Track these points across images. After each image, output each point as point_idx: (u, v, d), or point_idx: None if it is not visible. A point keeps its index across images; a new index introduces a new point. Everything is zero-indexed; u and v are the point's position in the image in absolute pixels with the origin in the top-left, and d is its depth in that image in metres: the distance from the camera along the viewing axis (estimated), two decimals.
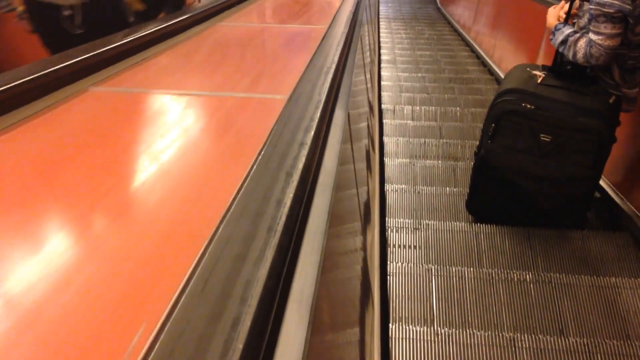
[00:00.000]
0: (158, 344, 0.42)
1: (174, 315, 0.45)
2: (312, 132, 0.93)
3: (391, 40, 8.03)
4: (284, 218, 0.65)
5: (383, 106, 4.43)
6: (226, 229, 0.64)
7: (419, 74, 5.85)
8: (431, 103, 4.67)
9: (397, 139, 3.70)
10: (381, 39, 8.08)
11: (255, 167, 0.83)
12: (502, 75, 4.55)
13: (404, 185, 3.00)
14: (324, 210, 0.78)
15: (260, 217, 0.66)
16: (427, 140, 3.68)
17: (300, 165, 0.80)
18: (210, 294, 0.50)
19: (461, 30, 8.12)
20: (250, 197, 0.73)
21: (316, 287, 0.60)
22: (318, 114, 1.03)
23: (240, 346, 0.42)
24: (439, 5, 11.51)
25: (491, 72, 5.78)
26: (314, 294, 0.58)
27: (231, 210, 0.69)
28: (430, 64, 6.49)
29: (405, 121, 4.14)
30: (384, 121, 4.10)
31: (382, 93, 4.93)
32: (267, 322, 0.49)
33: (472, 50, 6.97)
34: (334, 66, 1.40)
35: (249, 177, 0.80)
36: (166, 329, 0.43)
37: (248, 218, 0.66)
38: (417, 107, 4.41)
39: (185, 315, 0.46)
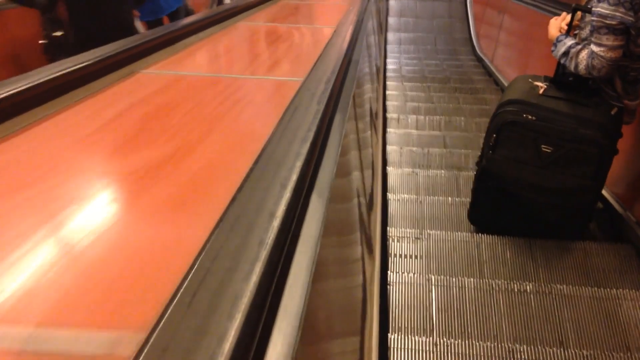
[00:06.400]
0: (142, 357, 0.43)
1: (158, 328, 0.46)
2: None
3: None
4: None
5: None
6: None
7: None
8: None
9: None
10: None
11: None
12: None
13: (406, 195, 2.99)
14: (319, 219, 0.79)
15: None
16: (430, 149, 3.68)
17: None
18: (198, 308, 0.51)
19: None
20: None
21: (306, 300, 0.60)
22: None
23: None
24: (480, 52, 7.12)
25: None
26: (303, 308, 0.58)
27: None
28: None
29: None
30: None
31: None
32: (254, 337, 0.50)
33: None
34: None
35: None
36: (150, 342, 0.44)
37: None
38: None
39: (171, 329, 0.47)
